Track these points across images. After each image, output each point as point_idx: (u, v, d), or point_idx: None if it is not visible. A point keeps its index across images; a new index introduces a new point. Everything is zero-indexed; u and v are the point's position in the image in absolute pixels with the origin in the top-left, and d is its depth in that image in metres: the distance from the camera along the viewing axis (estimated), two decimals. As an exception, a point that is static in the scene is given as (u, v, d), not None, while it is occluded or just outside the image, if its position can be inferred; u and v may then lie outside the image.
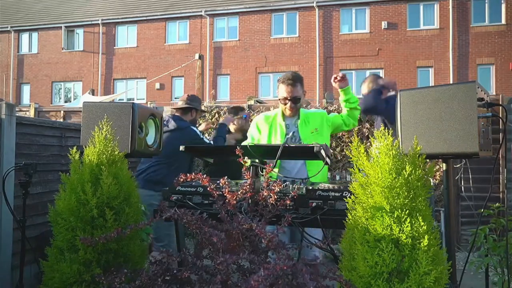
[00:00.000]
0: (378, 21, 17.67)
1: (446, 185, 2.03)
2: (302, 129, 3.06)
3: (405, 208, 1.67)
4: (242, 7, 19.13)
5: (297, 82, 3.05)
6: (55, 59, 21.39)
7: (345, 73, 3.07)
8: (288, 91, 3.03)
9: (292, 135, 3.05)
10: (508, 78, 16.36)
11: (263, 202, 1.91)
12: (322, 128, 3.08)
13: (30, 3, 23.90)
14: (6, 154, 3.18)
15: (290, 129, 3.08)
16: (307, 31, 18.39)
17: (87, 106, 2.50)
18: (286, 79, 3.05)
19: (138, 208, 2.23)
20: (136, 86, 20.17)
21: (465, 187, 5.28)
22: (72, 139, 3.95)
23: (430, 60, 17.14)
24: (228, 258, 1.56)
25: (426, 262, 1.60)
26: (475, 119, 1.77)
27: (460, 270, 2.18)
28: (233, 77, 19.10)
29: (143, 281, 1.68)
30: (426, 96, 1.90)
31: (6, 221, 3.16)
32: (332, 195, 2.02)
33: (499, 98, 5.48)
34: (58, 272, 1.99)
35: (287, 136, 3.05)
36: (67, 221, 2.04)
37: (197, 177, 1.96)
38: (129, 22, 20.67)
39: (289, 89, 3.03)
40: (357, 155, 1.81)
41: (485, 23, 16.84)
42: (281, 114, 3.13)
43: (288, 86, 3.03)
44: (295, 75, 3.11)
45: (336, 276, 1.61)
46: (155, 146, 2.73)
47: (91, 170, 2.10)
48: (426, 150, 1.85)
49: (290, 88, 3.02)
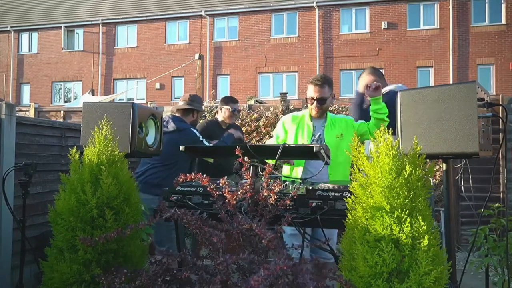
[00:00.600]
0: (378, 21, 17.68)
1: (446, 185, 2.03)
2: (327, 132, 3.10)
3: (405, 208, 1.67)
4: (242, 7, 19.13)
5: (325, 83, 3.09)
6: (55, 59, 21.39)
7: (379, 84, 3.05)
8: (315, 91, 3.08)
9: (318, 137, 3.09)
10: (508, 78, 16.36)
11: (263, 202, 1.91)
12: (347, 134, 3.09)
13: (30, 3, 23.90)
14: (6, 154, 3.18)
15: (316, 131, 3.12)
16: (307, 31, 18.39)
17: (87, 106, 2.50)
18: (314, 80, 3.11)
19: (138, 208, 2.23)
20: (136, 86, 20.16)
21: (465, 187, 5.28)
22: (72, 139, 3.94)
23: (430, 60, 17.14)
24: (228, 258, 1.56)
25: (426, 262, 1.60)
26: (475, 119, 1.77)
27: (460, 270, 2.18)
28: (233, 77, 19.10)
29: (143, 281, 1.68)
30: (426, 96, 1.90)
31: (6, 221, 3.16)
32: (332, 195, 2.02)
33: (499, 98, 5.48)
34: (58, 272, 1.99)
35: (313, 137, 3.10)
36: (67, 221, 2.04)
37: (197, 177, 1.96)
38: (129, 22, 20.67)
39: (316, 89, 3.07)
40: (357, 155, 1.81)
41: (485, 23, 16.84)
42: (309, 115, 3.17)
43: (316, 87, 3.08)
44: (324, 76, 3.16)
45: (336, 276, 1.61)
46: (155, 146, 2.73)
47: (91, 170, 2.10)
48: (426, 150, 1.85)
49: (318, 89, 3.07)
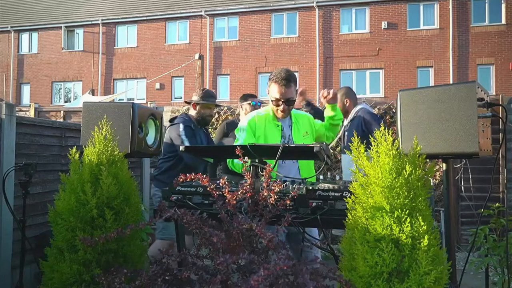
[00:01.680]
0: (378, 21, 17.67)
1: (446, 185, 2.03)
2: (295, 132, 2.90)
3: (405, 208, 1.67)
4: (242, 7, 19.13)
5: (291, 82, 2.77)
6: (55, 59, 21.39)
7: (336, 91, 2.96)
8: (282, 92, 2.75)
9: (288, 137, 2.89)
10: (508, 78, 16.36)
11: (263, 202, 1.90)
12: (311, 132, 2.97)
13: (30, 3, 23.90)
14: (6, 154, 3.18)
15: (285, 131, 2.91)
16: (307, 31, 18.39)
17: (87, 106, 2.50)
18: (279, 79, 2.75)
19: (138, 208, 2.23)
20: (136, 86, 20.17)
21: (465, 187, 5.28)
22: (72, 139, 3.94)
23: (430, 60, 17.14)
24: (228, 258, 1.56)
25: (426, 262, 1.60)
26: (475, 119, 1.77)
27: (460, 270, 2.18)
28: (233, 77, 19.10)
29: (143, 281, 1.68)
30: (426, 96, 1.90)
31: (6, 221, 3.16)
32: (332, 195, 2.01)
33: (499, 98, 5.48)
34: (58, 272, 1.99)
35: (283, 138, 2.88)
36: (67, 221, 2.04)
37: (197, 177, 1.96)
38: (129, 22, 20.67)
39: (283, 90, 2.75)
40: (357, 155, 1.81)
41: (485, 23, 16.84)
42: (273, 114, 2.87)
43: (282, 87, 2.74)
44: (289, 74, 2.79)
45: (336, 276, 1.61)
46: (155, 146, 2.73)
47: (91, 170, 2.10)
48: (426, 150, 1.85)
49: (284, 89, 2.74)
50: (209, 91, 3.84)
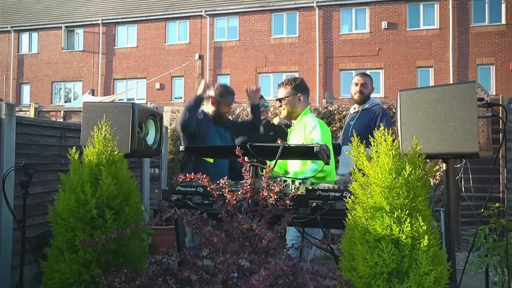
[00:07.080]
0: (378, 21, 17.67)
1: (446, 185, 2.03)
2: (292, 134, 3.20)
3: (405, 208, 1.67)
4: (242, 7, 19.13)
5: (287, 84, 3.16)
6: (55, 59, 21.39)
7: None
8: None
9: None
10: (508, 78, 16.35)
11: (263, 202, 1.90)
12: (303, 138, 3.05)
13: (30, 3, 23.89)
14: (6, 154, 3.18)
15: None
16: (307, 31, 18.38)
17: (87, 106, 2.50)
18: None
19: (138, 208, 2.23)
20: (136, 86, 20.16)
21: (465, 187, 5.27)
22: (72, 139, 3.94)
23: (430, 60, 17.14)
24: (228, 258, 1.56)
25: (426, 262, 1.60)
26: (475, 119, 1.77)
27: (460, 270, 2.18)
28: (233, 77, 19.08)
29: (143, 281, 1.68)
30: (426, 96, 1.90)
31: (6, 221, 3.16)
32: (332, 195, 2.01)
33: (499, 98, 5.48)
34: (57, 272, 1.99)
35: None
36: (67, 222, 2.04)
37: (197, 177, 1.96)
38: (129, 22, 20.66)
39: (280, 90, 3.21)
40: (357, 155, 1.80)
41: (485, 23, 16.84)
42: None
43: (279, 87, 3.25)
44: (290, 78, 3.26)
45: (336, 276, 1.61)
46: (155, 146, 2.73)
47: (91, 170, 2.10)
48: (426, 150, 1.85)
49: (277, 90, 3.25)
50: (228, 88, 3.70)
